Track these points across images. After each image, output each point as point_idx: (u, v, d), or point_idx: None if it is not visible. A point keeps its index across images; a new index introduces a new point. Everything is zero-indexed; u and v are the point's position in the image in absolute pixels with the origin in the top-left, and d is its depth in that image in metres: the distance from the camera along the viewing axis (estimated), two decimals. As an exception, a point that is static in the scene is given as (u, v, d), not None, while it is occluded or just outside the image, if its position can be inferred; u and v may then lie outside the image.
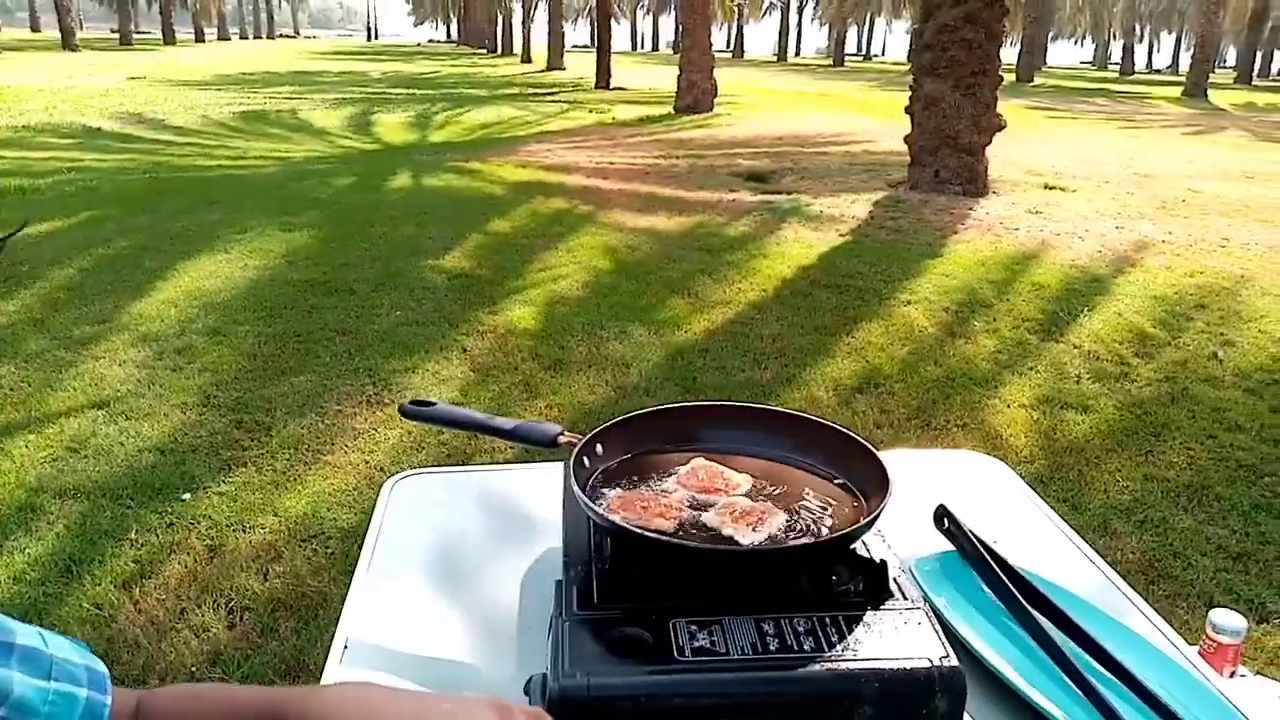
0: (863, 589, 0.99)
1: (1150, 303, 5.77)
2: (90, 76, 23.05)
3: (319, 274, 5.96)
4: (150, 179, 9.44)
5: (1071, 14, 54.74)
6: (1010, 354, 4.88)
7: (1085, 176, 10.78)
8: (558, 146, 12.53)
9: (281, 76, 25.90)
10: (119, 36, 47.58)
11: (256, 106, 17.08)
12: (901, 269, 6.42)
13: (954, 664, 0.88)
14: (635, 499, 1.07)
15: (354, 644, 1.08)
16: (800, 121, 16.60)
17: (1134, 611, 1.20)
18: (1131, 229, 7.94)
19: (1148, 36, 67.26)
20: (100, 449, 3.55)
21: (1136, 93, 31.47)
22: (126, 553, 2.87)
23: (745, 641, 0.90)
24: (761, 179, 10.24)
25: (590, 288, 5.87)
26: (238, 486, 3.31)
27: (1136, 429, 4.01)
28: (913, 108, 9.32)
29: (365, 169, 10.45)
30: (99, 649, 2.34)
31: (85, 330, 4.84)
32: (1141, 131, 17.57)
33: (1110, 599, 1.21)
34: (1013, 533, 1.30)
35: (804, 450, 1.18)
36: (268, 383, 4.24)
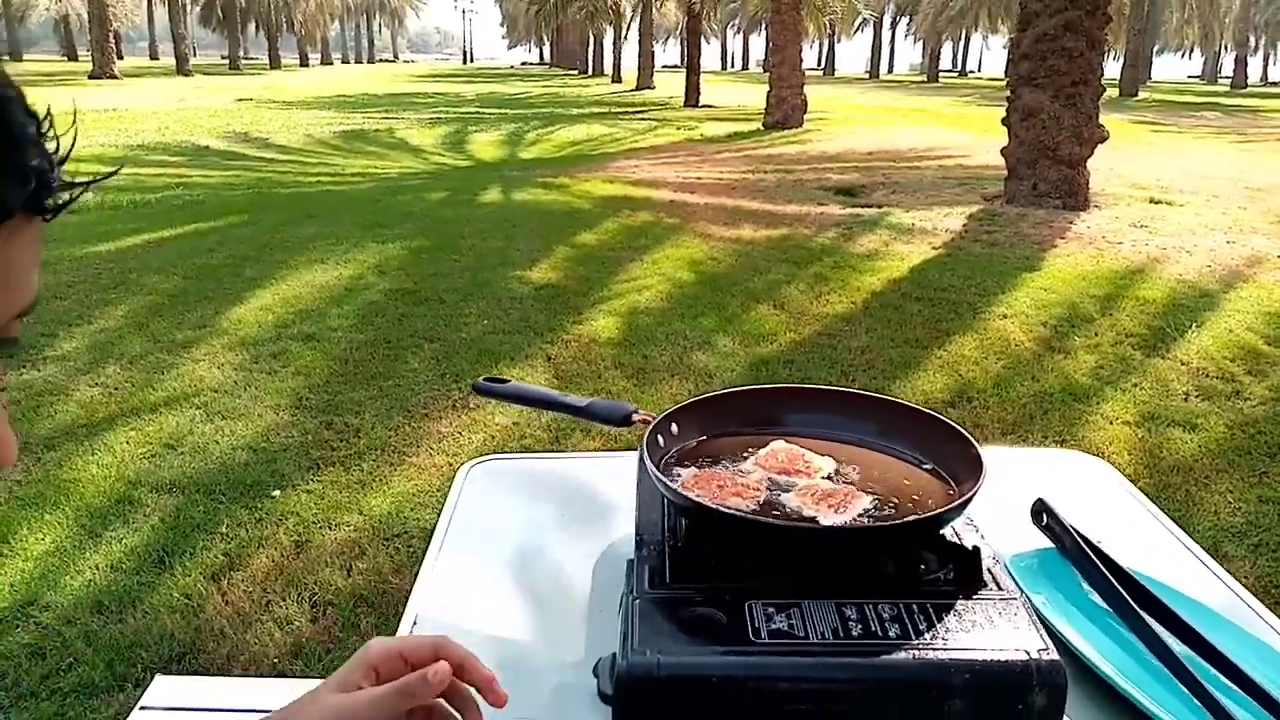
0: (953, 578, 0.93)
1: (1264, 319, 5.46)
2: (200, 99, 24.15)
3: (409, 283, 6.07)
4: (252, 194, 9.80)
5: (1179, 26, 52.77)
6: (1112, 370, 4.67)
7: (1193, 190, 10.32)
8: (645, 162, 12.58)
9: (379, 98, 26.70)
10: (228, 62, 49.87)
11: (355, 126, 17.63)
12: (997, 282, 6.22)
13: (1053, 657, 0.82)
14: (711, 478, 1.02)
15: (423, 619, 1.06)
16: (891, 136, 16.35)
17: (1258, 621, 1.10)
18: (1244, 243, 7.55)
19: (1262, 47, 64.38)
20: (196, 446, 3.66)
21: (1250, 106, 30.11)
22: (217, 546, 2.94)
23: (826, 626, 0.85)
24: (851, 193, 10.09)
25: (674, 299, 5.84)
26: (325, 485, 3.36)
27: (1249, 449, 3.78)
28: (1010, 119, 9.07)
29: (457, 184, 10.66)
30: (186, 637, 2.39)
31: (186, 334, 5.02)
32: (1255, 145, 16.78)
33: (1231, 608, 1.11)
34: (1118, 534, 1.21)
35: (890, 435, 1.12)
36: (357, 386, 4.32)
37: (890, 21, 61.48)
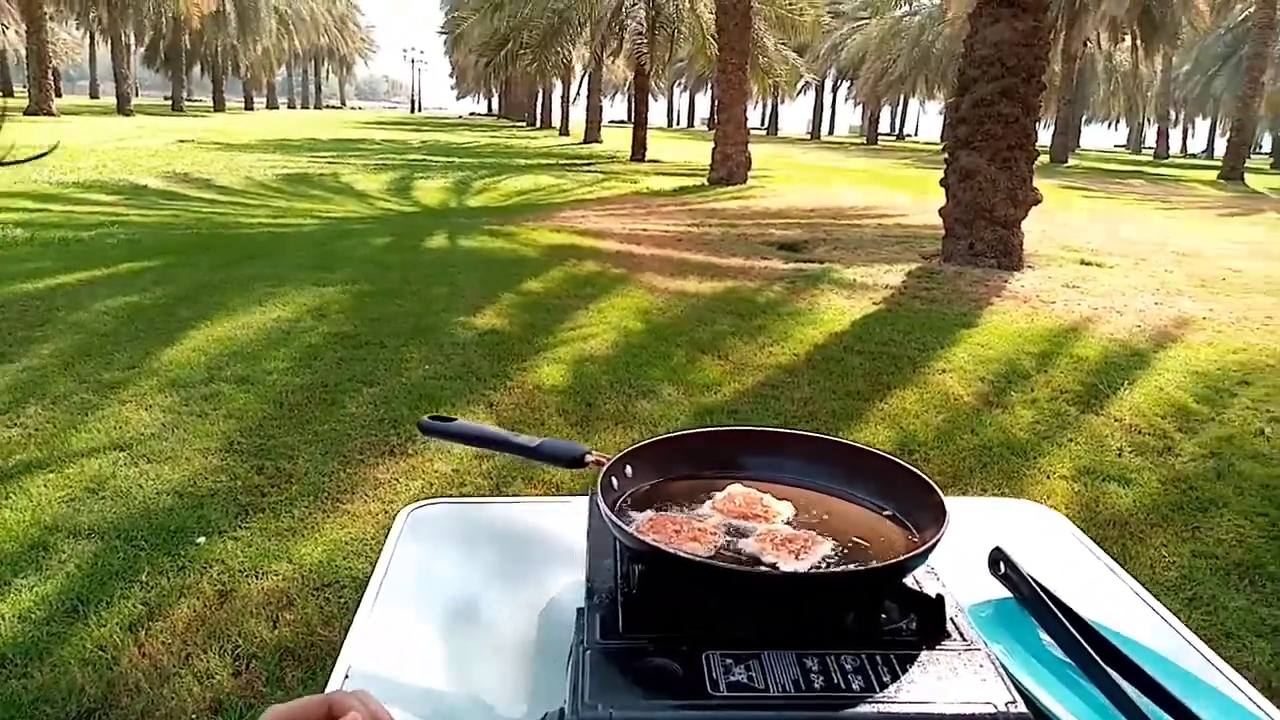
0: (916, 627, 0.90)
1: (1192, 378, 5.61)
2: (141, 139, 23.75)
3: (350, 327, 5.96)
4: (191, 234, 9.60)
5: (1105, 97, 55.09)
6: (1049, 425, 4.74)
7: (1122, 254, 10.68)
8: (592, 213, 12.64)
9: (325, 143, 26.55)
10: (171, 103, 49.25)
11: (299, 170, 17.46)
12: (936, 338, 6.32)
13: (1022, 710, 0.79)
14: (667, 522, 0.98)
15: (355, 674, 0.99)
16: (833, 195, 16.69)
17: (1213, 671, 1.08)
18: (1171, 305, 7.80)
19: (1182, 121, 67.52)
20: (119, 490, 3.50)
21: (1172, 175, 31.45)
22: (135, 595, 2.79)
23: (787, 678, 0.80)
24: (794, 248, 10.23)
25: (620, 347, 5.82)
26: (254, 532, 3.23)
27: (1182, 504, 3.85)
28: (948, 180, 9.32)
29: (402, 230, 10.58)
30: (98, 691, 2.25)
31: (114, 375, 4.84)
32: (1178, 212, 17.47)
33: (1185, 657, 1.10)
34: (1074, 584, 1.19)
35: (850, 480, 1.09)
36: (291, 431, 4.19)
37: (832, 85, 63.20)
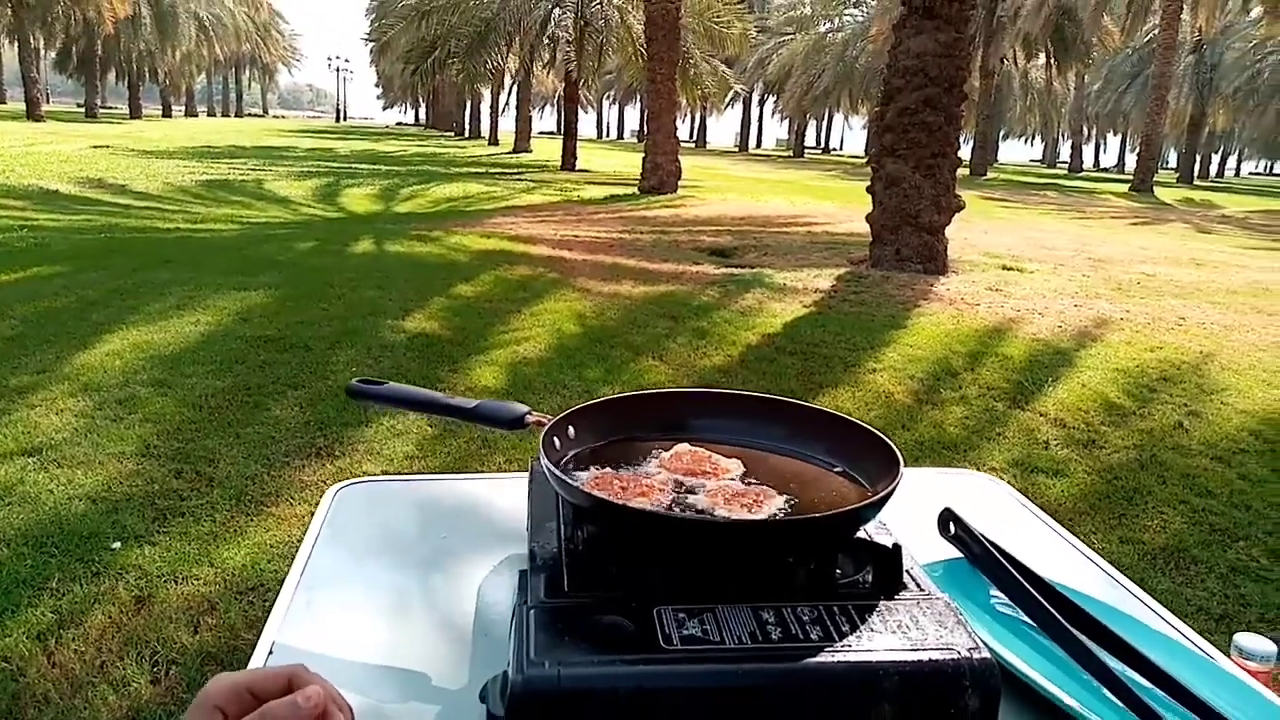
0: (872, 580, 0.87)
1: (1115, 374, 5.77)
2: (52, 144, 22.89)
3: (274, 331, 5.78)
4: (104, 239, 9.25)
5: (1021, 113, 56.83)
6: (979, 420, 4.82)
7: (1041, 260, 10.97)
8: (523, 220, 12.55)
9: (247, 150, 25.92)
10: (85, 109, 47.64)
11: (220, 176, 17.00)
12: (866, 339, 6.39)
13: (985, 656, 0.76)
14: (612, 479, 0.94)
15: (280, 649, 0.93)
16: (762, 204, 16.86)
17: (1157, 620, 1.08)
18: (1090, 307, 8.03)
19: (1094, 137, 70.05)
20: (26, 496, 3.32)
21: (1085, 188, 32.54)
22: (45, 603, 2.64)
23: (743, 630, 0.77)
24: (725, 254, 10.29)
25: (555, 350, 5.76)
26: (173, 537, 3.09)
27: (1109, 493, 3.94)
28: (874, 187, 9.46)
29: (327, 234, 10.35)
30: (2, 705, 2.12)
31: (21, 380, 4.62)
32: (1092, 221, 18.06)
33: (1134, 611, 1.09)
34: (1021, 545, 1.18)
35: (800, 439, 1.06)
36: (212, 434, 4.04)
37: (759, 99, 64.01)
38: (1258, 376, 5.87)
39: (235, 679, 0.64)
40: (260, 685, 0.65)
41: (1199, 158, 52.45)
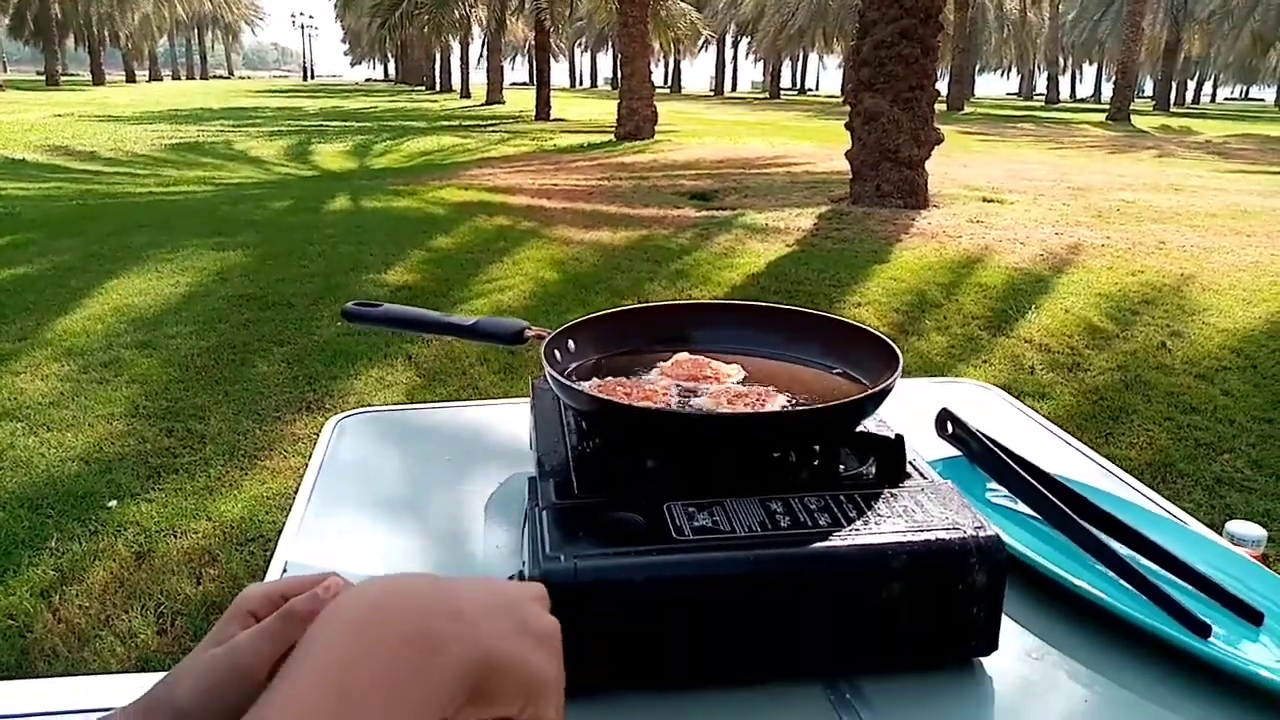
0: (876, 471, 0.88)
1: (1096, 299, 5.81)
2: (13, 114, 22.42)
3: (255, 289, 5.74)
4: (76, 205, 9.11)
5: (997, 46, 56.43)
6: (963, 348, 4.86)
7: (1021, 191, 10.97)
8: (499, 171, 12.43)
9: (216, 112, 25.47)
10: (45, 77, 46.57)
11: (189, 139, 16.72)
12: (850, 274, 6.41)
13: (991, 533, 0.77)
14: (615, 386, 0.94)
15: (294, 566, 0.93)
16: (740, 147, 16.74)
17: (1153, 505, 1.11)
18: (1071, 235, 8.05)
19: (1070, 67, 69.68)
20: (18, 460, 3.31)
21: (1062, 119, 32.44)
22: (46, 561, 2.65)
23: (753, 519, 0.78)
24: (705, 197, 10.23)
25: (538, 296, 5.75)
26: (168, 493, 3.10)
27: (1095, 414, 3.99)
28: (853, 124, 9.40)
29: (302, 193, 10.23)
30: (10, 659, 2.14)
31: (3, 347, 4.58)
32: (1071, 151, 18.04)
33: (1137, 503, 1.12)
34: (1019, 446, 1.20)
35: (798, 344, 1.06)
36: (200, 392, 4.03)
37: (733, 41, 63.25)
38: (1238, 296, 5.92)
39: (268, 586, 0.64)
40: (294, 590, 0.65)
41: (1175, 85, 52.28)
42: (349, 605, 0.44)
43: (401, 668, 0.41)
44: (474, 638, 0.46)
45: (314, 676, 0.39)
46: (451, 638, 0.44)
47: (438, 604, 0.46)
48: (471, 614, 0.47)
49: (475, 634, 0.46)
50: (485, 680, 0.46)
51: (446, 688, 0.43)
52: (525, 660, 0.48)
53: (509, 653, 0.47)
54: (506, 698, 0.47)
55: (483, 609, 0.48)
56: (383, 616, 0.44)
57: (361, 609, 0.44)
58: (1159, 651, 0.80)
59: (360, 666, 0.40)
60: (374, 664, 0.41)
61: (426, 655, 0.43)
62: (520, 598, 0.53)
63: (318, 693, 0.38)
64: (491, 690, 0.46)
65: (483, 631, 0.46)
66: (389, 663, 0.41)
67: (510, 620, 0.49)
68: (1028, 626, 0.86)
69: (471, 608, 0.48)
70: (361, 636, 0.42)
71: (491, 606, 0.49)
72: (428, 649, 0.43)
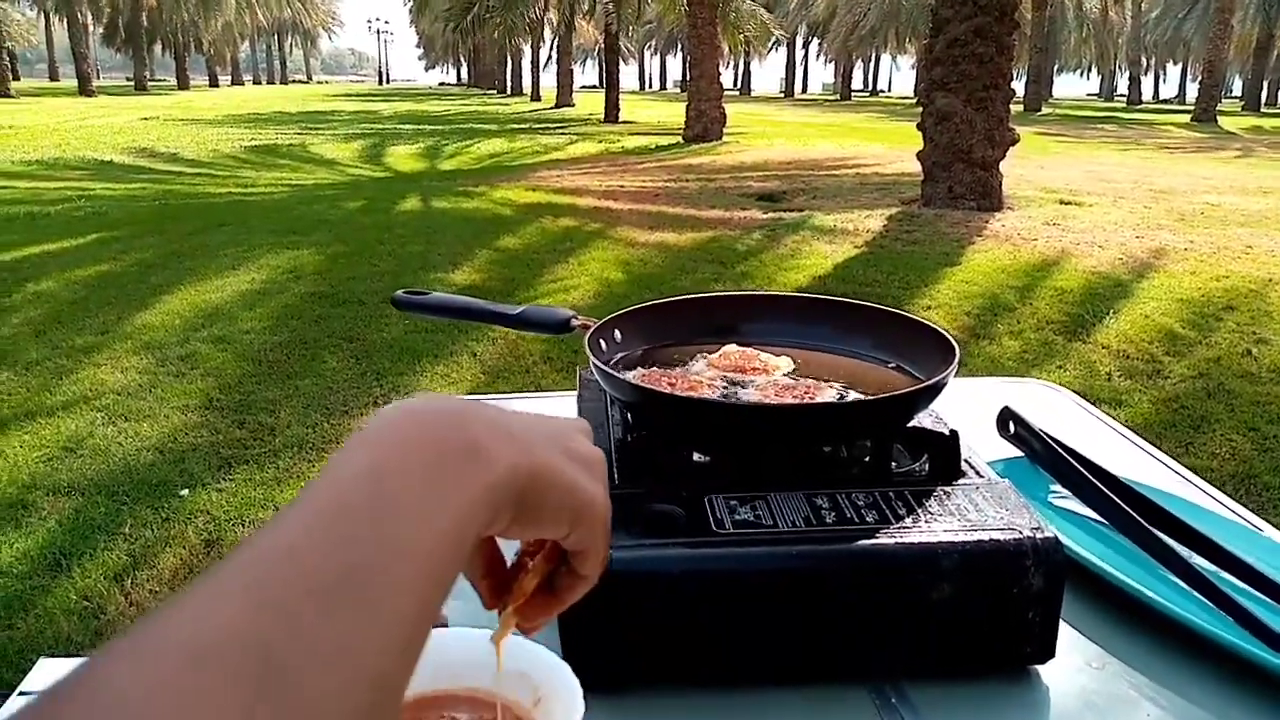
0: (929, 468, 0.85)
1: (1177, 305, 5.61)
2: (104, 117, 23.30)
3: (326, 287, 5.86)
4: (159, 205, 9.42)
5: (1076, 45, 54.97)
6: (1036, 353, 4.72)
7: (1100, 193, 10.66)
8: (567, 173, 12.50)
9: (294, 116, 26.12)
10: (134, 83, 48.34)
11: (267, 141, 17.17)
12: (919, 277, 6.29)
13: (1049, 534, 0.74)
14: (660, 376, 0.93)
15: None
16: (809, 148, 16.58)
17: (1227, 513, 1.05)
18: (1152, 238, 7.79)
19: (1153, 67, 67.56)
20: (97, 449, 3.42)
21: (1145, 120, 31.46)
22: (120, 546, 2.73)
23: (796, 515, 0.76)
24: (772, 199, 10.15)
25: (602, 297, 5.76)
26: (238, 483, 3.17)
27: (1174, 422, 3.84)
28: (925, 124, 9.23)
29: (374, 193, 10.42)
30: (85, 639, 2.20)
31: (87, 340, 4.74)
32: (1153, 153, 17.48)
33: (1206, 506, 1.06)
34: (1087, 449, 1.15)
35: (851, 336, 1.04)
36: (272, 386, 4.12)
37: (803, 42, 62.75)
38: (1330, 302, 5.66)
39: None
40: None
41: (1266, 84, 50.28)
42: (386, 415, 0.42)
43: (444, 466, 0.39)
44: (522, 451, 0.43)
45: (352, 459, 0.38)
46: (496, 449, 0.42)
47: (481, 419, 0.43)
48: (518, 431, 0.44)
49: (523, 448, 0.43)
50: (532, 496, 0.43)
51: (491, 496, 0.41)
52: (574, 481, 0.46)
53: (558, 471, 0.45)
54: (555, 518, 0.46)
55: (527, 429, 0.45)
56: (424, 421, 0.41)
57: (398, 417, 0.41)
58: (1229, 664, 0.76)
59: (401, 457, 0.38)
60: (415, 458, 0.39)
61: (469, 461, 0.40)
62: (568, 428, 0.52)
63: (353, 471, 0.37)
64: (539, 507, 0.44)
65: (530, 446, 0.44)
66: (431, 460, 0.39)
67: (557, 442, 0.47)
68: (1088, 634, 0.82)
69: (518, 426, 0.45)
70: (401, 436, 0.40)
71: (537, 429, 0.47)
72: (471, 456, 0.41)
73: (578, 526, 0.47)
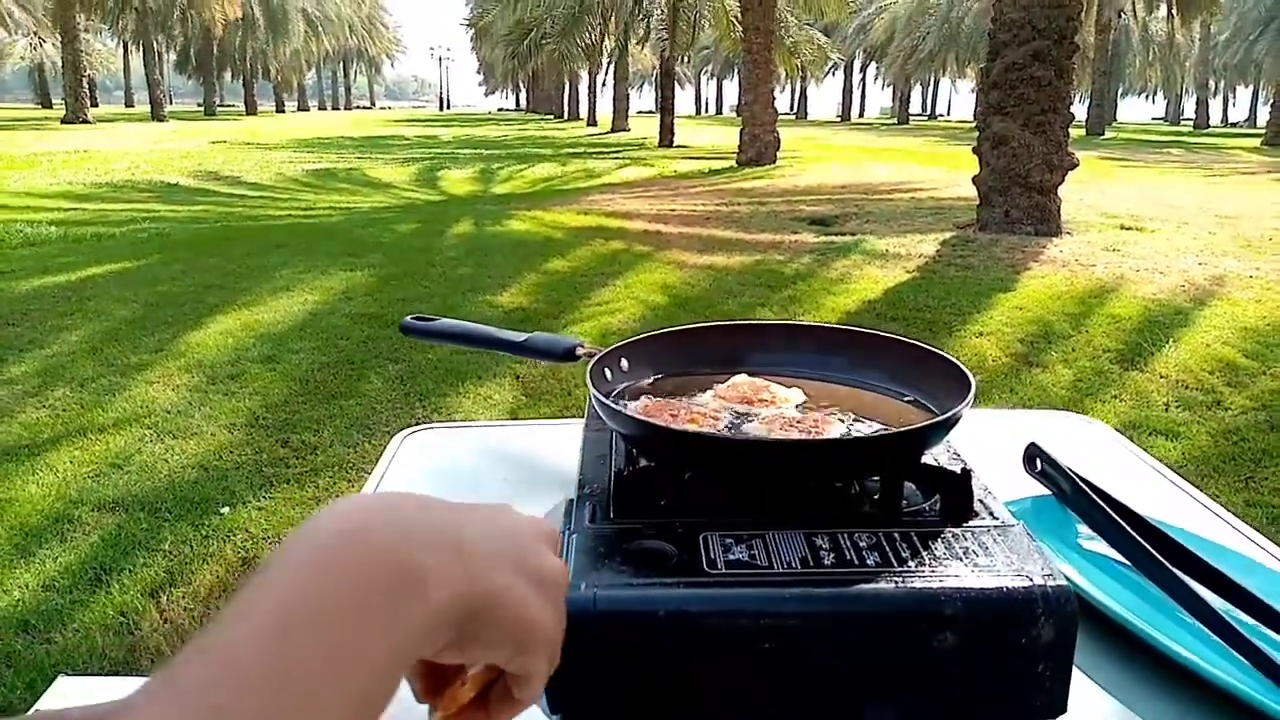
0: (940, 508, 0.81)
1: (1240, 334, 5.42)
2: (173, 142, 24.03)
3: (376, 308, 5.93)
4: (220, 227, 9.65)
5: (1141, 69, 53.96)
6: (1090, 383, 4.59)
7: (1163, 218, 10.39)
8: (619, 196, 12.55)
9: (355, 140, 26.69)
10: (204, 108, 49.87)
11: (328, 166, 17.54)
12: (972, 303, 6.17)
13: (1061, 583, 0.69)
14: (663, 408, 0.90)
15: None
16: (864, 172, 16.47)
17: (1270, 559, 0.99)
18: (1216, 265, 7.56)
19: (1222, 90, 65.98)
20: (143, 465, 3.48)
21: (1213, 144, 30.71)
22: (158, 563, 2.76)
23: (793, 556, 0.72)
24: (824, 223, 10.07)
25: (645, 320, 5.75)
26: (278, 502, 3.20)
27: (1234, 455, 3.70)
28: (981, 147, 9.11)
29: (428, 217, 10.57)
30: (119, 655, 2.22)
31: (140, 358, 4.85)
32: (1221, 178, 17.03)
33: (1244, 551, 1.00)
34: (1124, 492, 1.09)
35: (865, 367, 1.00)
36: (317, 406, 4.16)
37: (860, 65, 62.53)
38: (1406, 333, 5.43)
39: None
40: None
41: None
42: (316, 529, 0.38)
43: (368, 604, 0.36)
44: (469, 575, 0.40)
45: (257, 610, 0.34)
46: (435, 572, 0.38)
47: (426, 531, 0.40)
48: (465, 547, 0.41)
49: (466, 570, 0.40)
50: (474, 622, 0.41)
51: (424, 628, 0.38)
52: (522, 609, 0.43)
53: (507, 598, 0.42)
54: (495, 643, 0.43)
55: (479, 541, 0.43)
56: (354, 542, 0.38)
57: (330, 533, 0.38)
58: (1260, 727, 0.70)
59: (316, 600, 0.35)
60: (332, 598, 0.35)
61: (402, 592, 0.37)
62: (526, 534, 0.48)
63: (255, 628, 0.33)
64: (480, 633, 0.41)
65: (477, 568, 0.41)
66: (351, 598, 0.35)
67: (510, 558, 0.44)
68: (1110, 689, 0.77)
69: (470, 537, 0.42)
70: (324, 566, 0.36)
71: (492, 541, 0.44)
72: (405, 583, 0.37)
73: (521, 654, 0.44)
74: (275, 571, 0.36)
